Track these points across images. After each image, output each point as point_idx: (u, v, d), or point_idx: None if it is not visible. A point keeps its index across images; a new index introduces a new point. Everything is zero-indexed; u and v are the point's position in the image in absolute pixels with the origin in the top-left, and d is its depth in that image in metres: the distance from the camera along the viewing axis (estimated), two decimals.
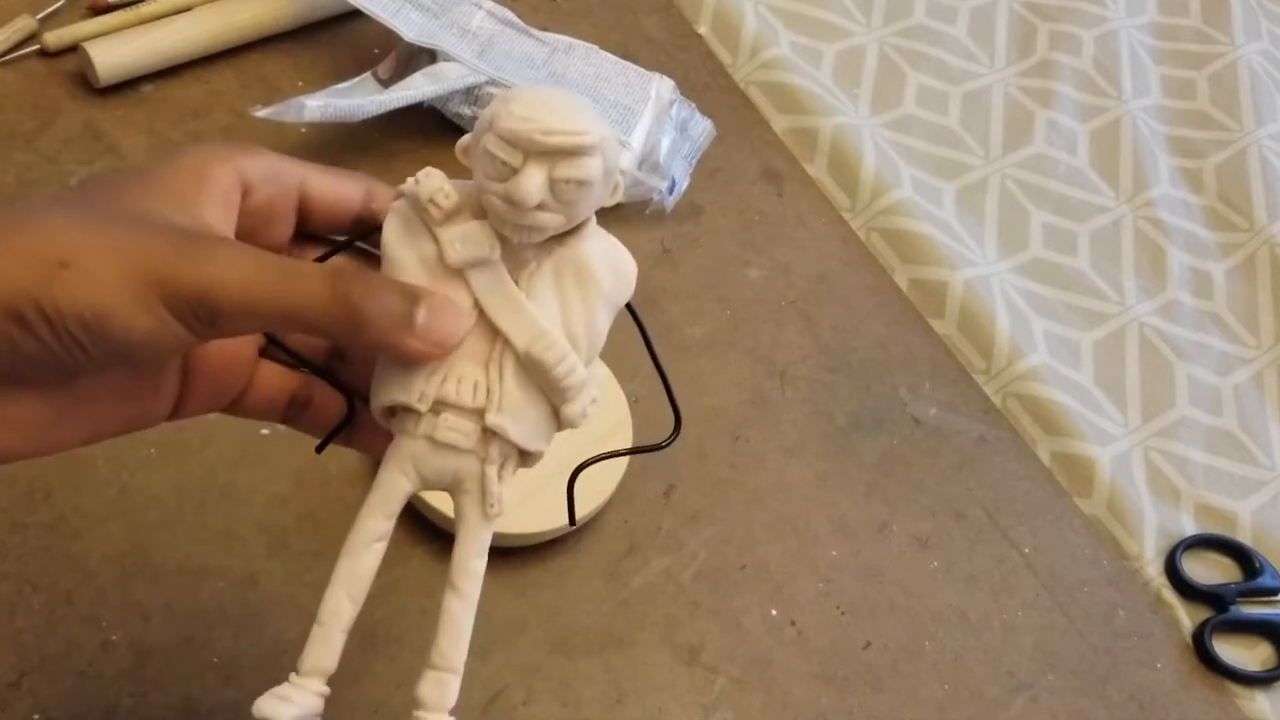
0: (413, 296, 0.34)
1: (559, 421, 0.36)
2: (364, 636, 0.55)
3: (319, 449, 0.40)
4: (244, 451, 0.58)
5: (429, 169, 0.35)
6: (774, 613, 0.61)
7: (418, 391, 0.35)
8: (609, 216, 0.36)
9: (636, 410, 0.62)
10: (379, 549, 0.37)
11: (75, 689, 0.51)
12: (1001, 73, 0.90)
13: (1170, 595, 0.68)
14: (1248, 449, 0.76)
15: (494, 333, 0.35)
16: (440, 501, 0.56)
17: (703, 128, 0.76)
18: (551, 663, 0.57)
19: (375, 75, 0.71)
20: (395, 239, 0.36)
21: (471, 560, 0.37)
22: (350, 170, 0.38)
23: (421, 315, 0.33)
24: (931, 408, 0.71)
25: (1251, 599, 0.69)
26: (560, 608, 0.58)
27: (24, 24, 0.69)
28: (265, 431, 0.59)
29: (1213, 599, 0.68)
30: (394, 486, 0.36)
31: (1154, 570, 0.69)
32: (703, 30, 0.85)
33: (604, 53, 0.75)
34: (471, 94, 0.70)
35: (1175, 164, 0.90)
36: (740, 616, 0.60)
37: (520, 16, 0.75)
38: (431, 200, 0.35)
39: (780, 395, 0.69)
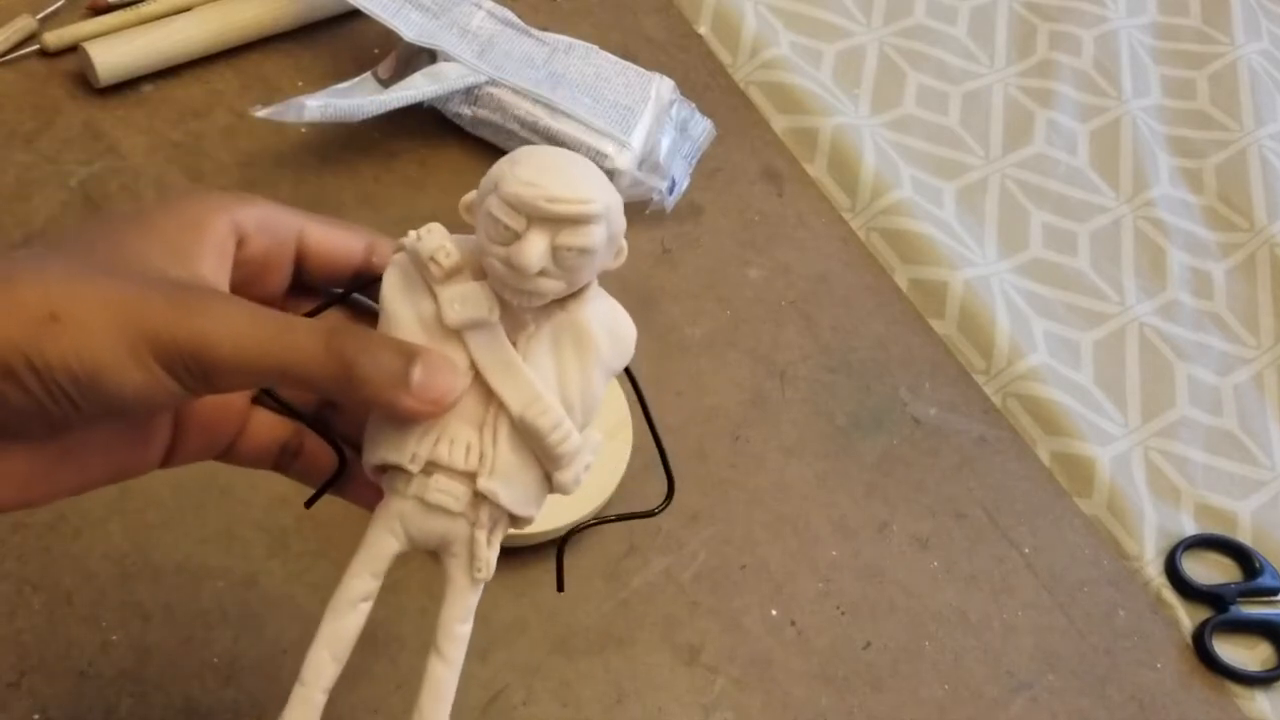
0: (409, 354, 0.33)
1: (551, 486, 0.36)
2: (363, 637, 0.54)
3: (309, 504, 0.39)
4: None
5: (431, 225, 0.35)
6: (774, 613, 0.61)
7: (409, 452, 0.35)
8: None
9: (635, 411, 0.62)
10: (364, 609, 0.36)
11: (75, 689, 0.51)
12: (1001, 73, 0.90)
13: (1170, 595, 0.68)
14: (1248, 449, 0.76)
15: (489, 395, 0.35)
16: None
17: (703, 128, 0.76)
18: (551, 663, 0.56)
19: (375, 75, 0.71)
20: (394, 294, 0.35)
21: (457, 625, 0.36)
22: (351, 223, 0.37)
23: (418, 374, 0.33)
24: (931, 408, 0.71)
25: (1251, 599, 0.69)
26: (560, 608, 0.58)
27: (24, 24, 0.69)
28: None
29: (1213, 599, 0.68)
30: (381, 546, 0.36)
31: (1154, 570, 0.69)
32: (703, 30, 0.85)
33: (604, 53, 0.75)
34: (471, 94, 0.70)
35: (1175, 164, 0.89)
36: (740, 616, 0.60)
37: (520, 16, 0.75)
38: (432, 258, 0.34)
39: (780, 395, 0.69)
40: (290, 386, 0.34)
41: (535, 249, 0.32)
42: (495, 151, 0.72)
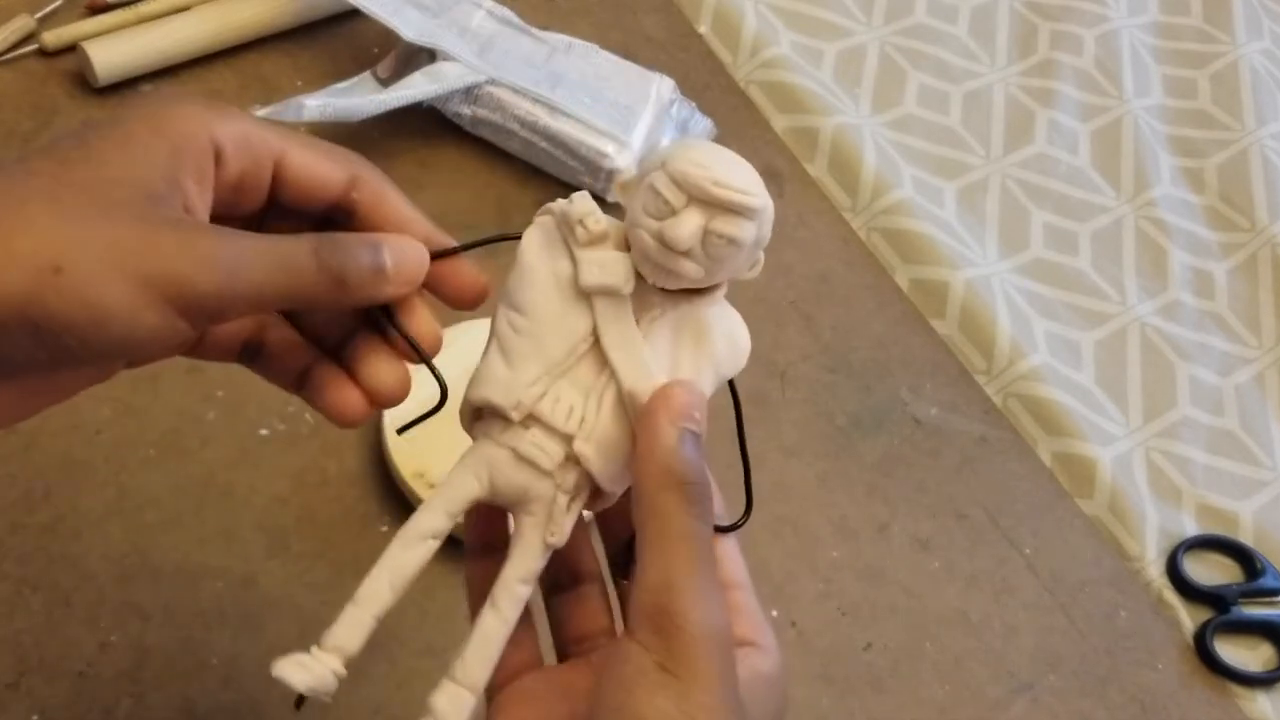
0: (375, 245, 0.34)
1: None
2: None
3: (402, 430, 0.39)
4: (243, 452, 0.58)
5: (583, 193, 0.36)
6: (774, 613, 0.61)
7: (515, 399, 0.35)
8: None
9: None
10: (432, 545, 0.36)
11: (74, 690, 0.51)
12: (1002, 72, 0.90)
13: (1172, 596, 0.68)
14: (1249, 449, 0.76)
15: (603, 364, 0.35)
16: None
17: (703, 127, 0.76)
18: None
19: (374, 75, 0.70)
20: (534, 250, 0.36)
21: (518, 584, 0.36)
22: (335, 148, 0.37)
23: (389, 261, 0.34)
24: (932, 408, 0.71)
25: (1253, 600, 0.69)
26: None
27: (22, 23, 0.69)
28: (264, 432, 0.59)
29: (1214, 600, 0.68)
30: (463, 487, 0.36)
31: (1155, 571, 0.69)
32: (703, 29, 0.85)
33: (604, 52, 0.75)
34: (471, 93, 0.70)
35: (1176, 164, 0.89)
36: None
37: (520, 16, 0.75)
38: (581, 221, 0.35)
39: (780, 395, 0.69)
40: (287, 308, 0.35)
41: (689, 225, 0.33)
42: (495, 151, 0.72)
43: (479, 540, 0.40)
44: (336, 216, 0.37)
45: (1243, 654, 0.67)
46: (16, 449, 0.56)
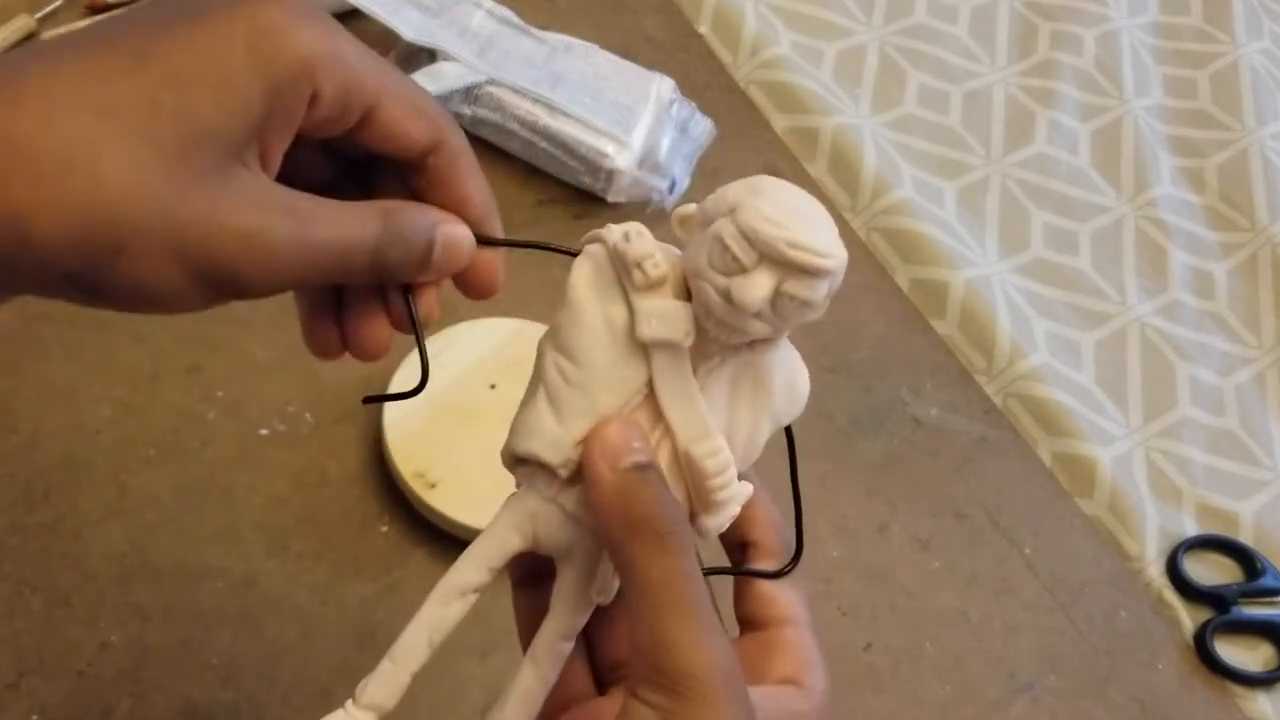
0: (430, 230, 0.34)
1: (693, 525, 0.34)
2: (363, 637, 0.54)
3: (367, 401, 0.38)
4: (243, 452, 0.58)
5: (639, 227, 0.33)
6: None
7: (564, 456, 0.33)
8: (605, 210, 0.36)
9: None
10: (470, 600, 0.34)
11: (74, 690, 0.51)
12: (1003, 72, 0.90)
13: (1172, 596, 0.68)
14: (1249, 449, 0.76)
15: (659, 417, 0.33)
16: (441, 502, 0.56)
17: (703, 127, 0.76)
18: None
19: None
20: (584, 289, 0.33)
21: (560, 641, 0.35)
22: (428, 102, 0.34)
23: (437, 254, 0.34)
24: (932, 408, 0.71)
25: (1253, 600, 0.69)
26: None
27: (22, 23, 0.69)
28: (264, 432, 0.59)
29: (1214, 600, 0.68)
30: (505, 541, 0.34)
31: (1155, 571, 0.69)
32: (703, 29, 0.85)
33: (604, 52, 0.75)
34: (471, 93, 0.70)
35: (1176, 164, 0.89)
36: None
37: (520, 16, 0.75)
38: (639, 265, 0.32)
39: None
40: (330, 283, 0.34)
41: (760, 290, 0.30)
42: (495, 151, 0.72)
43: (525, 572, 0.38)
44: (406, 167, 0.35)
45: (1243, 654, 0.67)
46: (16, 449, 0.56)
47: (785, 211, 0.30)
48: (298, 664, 0.37)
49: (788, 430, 0.36)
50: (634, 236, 0.32)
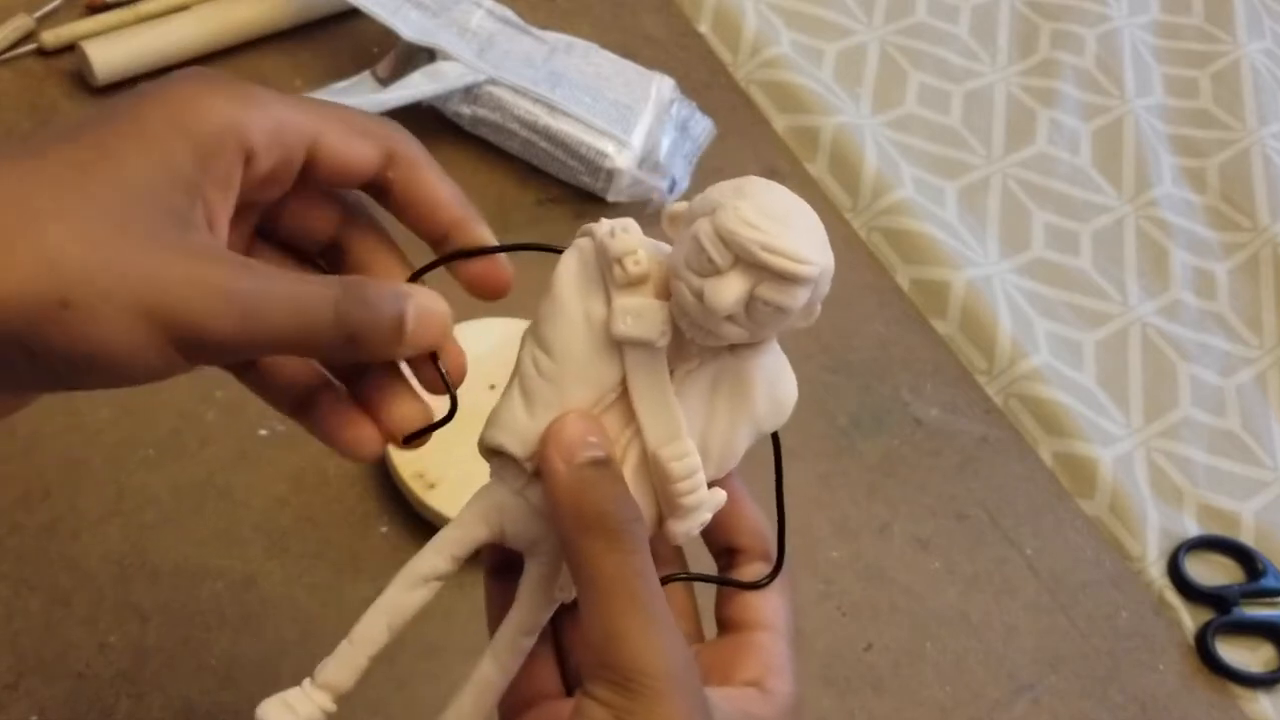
0: (399, 301, 0.32)
1: (660, 529, 0.34)
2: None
3: (408, 440, 0.36)
4: (242, 453, 0.58)
5: (628, 223, 0.32)
6: None
7: (532, 451, 0.33)
8: (605, 210, 0.36)
9: None
10: (434, 587, 0.34)
11: (73, 690, 0.50)
12: (1003, 71, 0.90)
13: (1173, 596, 0.68)
14: (1250, 450, 0.75)
15: (630, 418, 0.33)
16: (440, 503, 0.56)
17: (703, 127, 0.75)
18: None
19: (374, 74, 0.70)
20: (569, 284, 0.33)
21: (522, 636, 0.34)
22: (372, 121, 0.34)
23: (410, 324, 0.32)
24: (933, 408, 0.71)
25: (1254, 600, 0.69)
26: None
27: (21, 23, 0.69)
28: (264, 433, 0.59)
29: (1215, 600, 0.68)
30: (472, 531, 0.34)
31: (1156, 571, 0.69)
32: (703, 29, 0.84)
33: (604, 51, 0.75)
34: (471, 93, 0.70)
35: (1178, 163, 0.89)
36: None
37: (520, 15, 0.74)
38: (620, 261, 0.32)
39: None
40: (298, 355, 0.33)
41: (732, 293, 0.30)
42: (495, 151, 0.72)
43: (498, 560, 0.38)
44: (370, 193, 0.35)
45: (1244, 654, 0.67)
46: (16, 449, 0.56)
47: (766, 215, 0.30)
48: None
49: (774, 439, 0.35)
50: (619, 232, 0.32)
